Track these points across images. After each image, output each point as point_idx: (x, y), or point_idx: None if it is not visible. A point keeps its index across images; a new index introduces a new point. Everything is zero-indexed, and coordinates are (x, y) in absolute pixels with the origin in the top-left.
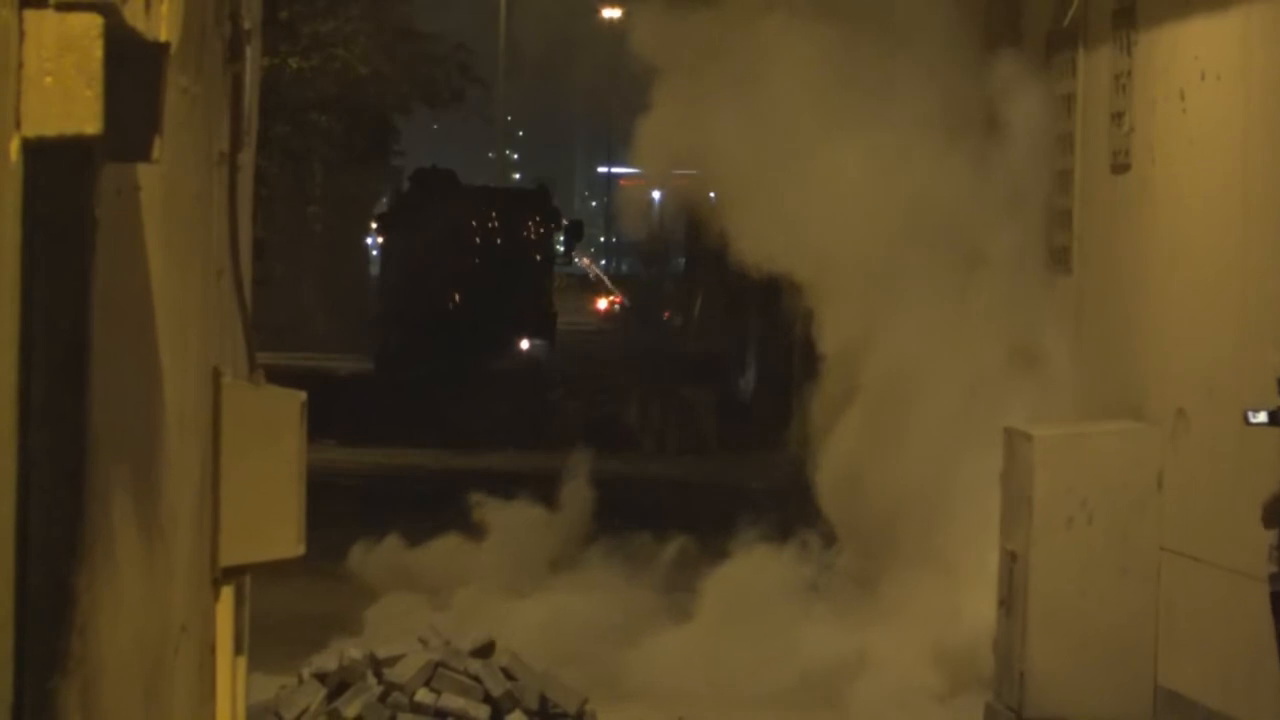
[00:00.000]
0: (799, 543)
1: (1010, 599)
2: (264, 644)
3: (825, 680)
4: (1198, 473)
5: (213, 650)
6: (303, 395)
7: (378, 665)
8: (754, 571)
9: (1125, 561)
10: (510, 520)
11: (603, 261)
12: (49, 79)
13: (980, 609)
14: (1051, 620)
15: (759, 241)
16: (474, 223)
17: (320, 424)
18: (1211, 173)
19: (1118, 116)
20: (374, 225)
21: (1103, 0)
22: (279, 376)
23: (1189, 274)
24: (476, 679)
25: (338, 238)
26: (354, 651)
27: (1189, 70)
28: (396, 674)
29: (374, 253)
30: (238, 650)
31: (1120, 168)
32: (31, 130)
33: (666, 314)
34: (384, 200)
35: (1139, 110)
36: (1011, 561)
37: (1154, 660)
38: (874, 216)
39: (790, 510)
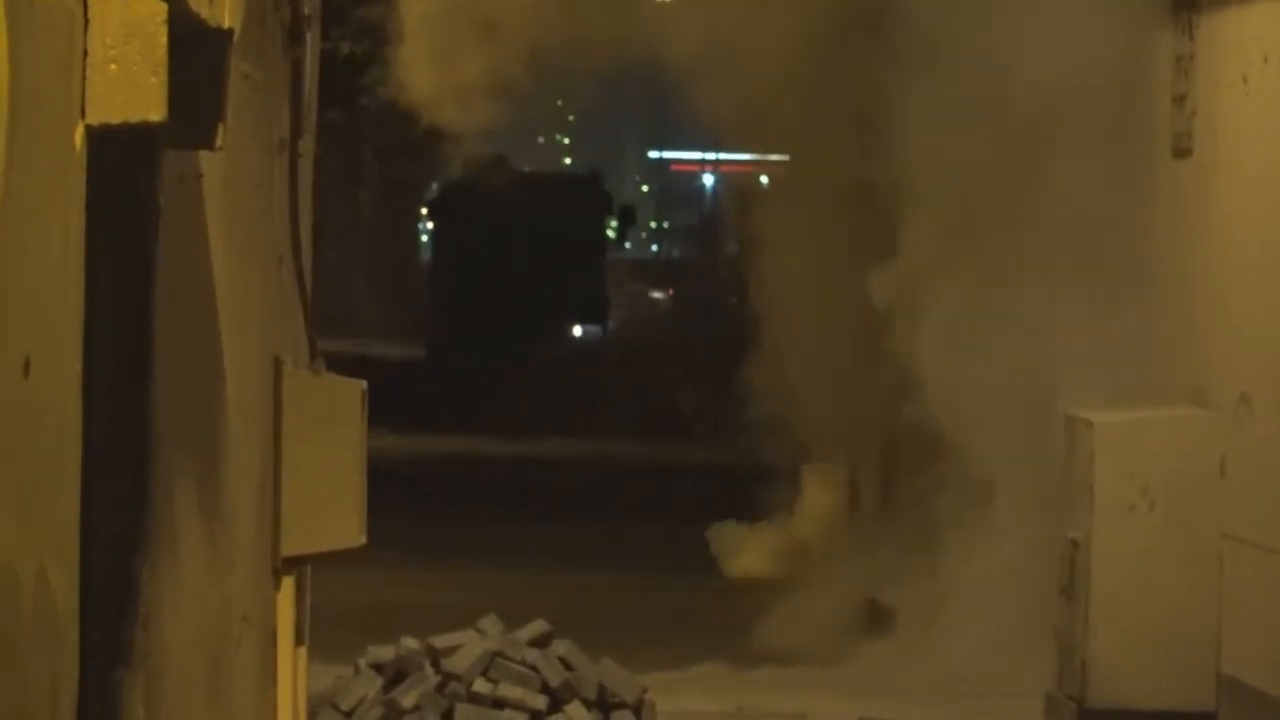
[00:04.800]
0: None
1: (1071, 587)
2: (320, 632)
3: None
4: (1261, 458)
5: (274, 640)
6: (363, 384)
7: (435, 655)
8: None
9: (1187, 549)
10: None
11: (654, 247)
12: (113, 66)
13: None
14: (1113, 609)
15: None
16: (525, 209)
17: (373, 411)
18: (1275, 156)
19: (1180, 100)
20: (425, 211)
21: None
22: (331, 363)
23: (1252, 258)
24: (534, 668)
25: (389, 224)
26: (411, 641)
27: (1251, 53)
28: (453, 664)
29: (424, 239)
30: (299, 640)
31: (1182, 151)
32: (96, 118)
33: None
34: (435, 186)
35: (1201, 93)
36: (1073, 549)
37: (1216, 648)
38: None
39: None
